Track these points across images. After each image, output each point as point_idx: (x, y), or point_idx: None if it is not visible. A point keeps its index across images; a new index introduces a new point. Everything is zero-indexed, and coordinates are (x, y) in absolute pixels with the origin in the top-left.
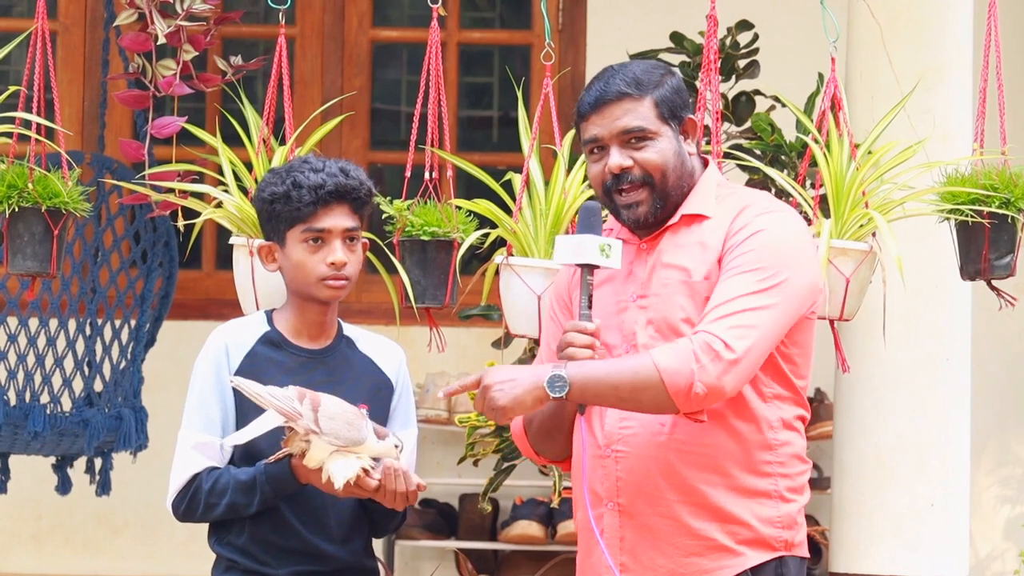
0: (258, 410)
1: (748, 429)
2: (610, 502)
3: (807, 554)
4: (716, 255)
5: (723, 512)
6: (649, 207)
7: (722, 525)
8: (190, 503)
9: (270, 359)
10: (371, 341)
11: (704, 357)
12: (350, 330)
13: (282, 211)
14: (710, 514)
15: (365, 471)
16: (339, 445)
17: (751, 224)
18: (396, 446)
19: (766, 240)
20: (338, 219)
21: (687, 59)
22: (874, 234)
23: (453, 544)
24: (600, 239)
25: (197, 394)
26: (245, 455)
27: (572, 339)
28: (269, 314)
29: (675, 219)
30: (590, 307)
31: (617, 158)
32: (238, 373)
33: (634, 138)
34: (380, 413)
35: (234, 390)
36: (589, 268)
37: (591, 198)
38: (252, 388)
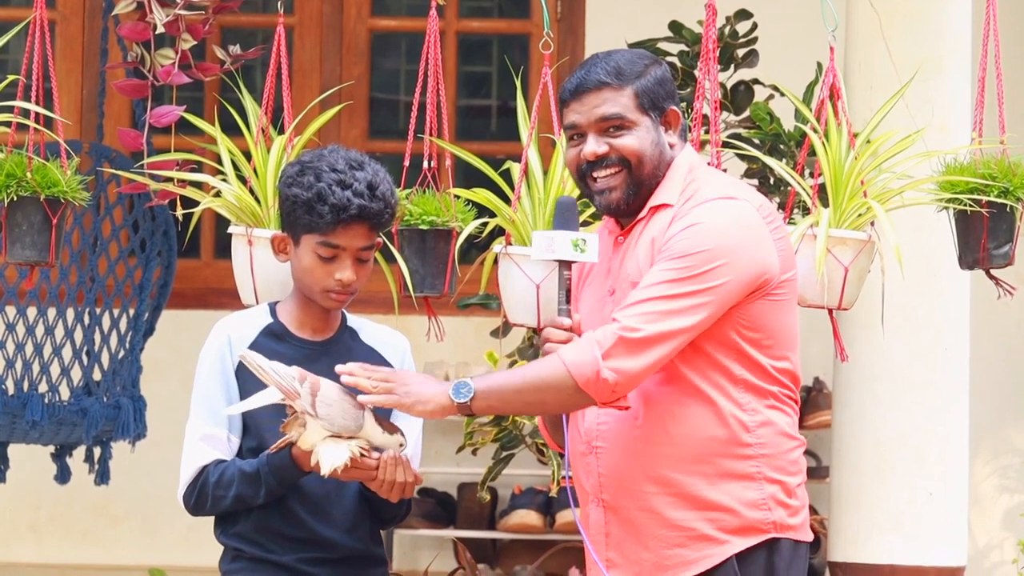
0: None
1: (719, 413)
2: (595, 498)
3: (809, 537)
4: (659, 248)
5: (703, 500)
6: (623, 193)
7: (703, 513)
8: (199, 496)
9: (273, 351)
10: (375, 331)
11: (607, 342)
12: (354, 321)
13: (301, 217)
14: (690, 504)
15: (360, 451)
16: (332, 432)
17: (686, 216)
18: (400, 444)
19: (697, 230)
20: (355, 239)
21: (686, 48)
22: (872, 223)
23: (452, 533)
24: (573, 234)
25: (202, 387)
26: (252, 446)
27: (549, 335)
28: (272, 306)
29: (643, 213)
30: (568, 302)
31: (592, 145)
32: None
33: (612, 126)
34: None
35: (238, 379)
36: (565, 263)
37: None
38: (257, 361)
